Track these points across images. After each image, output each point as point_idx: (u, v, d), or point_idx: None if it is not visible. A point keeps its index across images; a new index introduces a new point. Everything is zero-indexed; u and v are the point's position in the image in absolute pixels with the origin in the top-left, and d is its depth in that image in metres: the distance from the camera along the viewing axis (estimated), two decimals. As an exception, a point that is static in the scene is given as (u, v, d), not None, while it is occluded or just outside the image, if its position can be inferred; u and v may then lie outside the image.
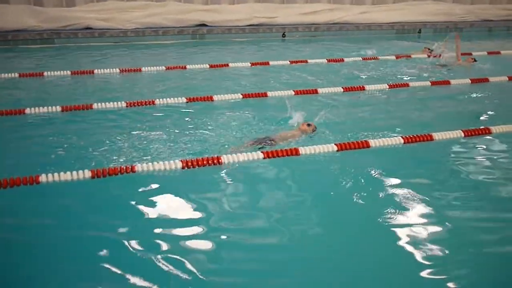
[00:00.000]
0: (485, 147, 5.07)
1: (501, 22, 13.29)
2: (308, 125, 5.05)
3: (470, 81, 7.41)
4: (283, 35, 11.34)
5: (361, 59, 8.96)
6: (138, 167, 4.13)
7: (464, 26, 12.90)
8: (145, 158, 4.43)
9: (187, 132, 5.18)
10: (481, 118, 5.99)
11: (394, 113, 6.18)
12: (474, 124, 5.52)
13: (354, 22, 12.06)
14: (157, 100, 6.05)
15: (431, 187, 4.20)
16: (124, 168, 4.09)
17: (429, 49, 9.39)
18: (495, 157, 4.83)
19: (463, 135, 5.13)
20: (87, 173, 4.01)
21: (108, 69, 7.67)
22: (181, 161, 4.25)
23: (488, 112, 6.20)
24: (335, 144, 4.69)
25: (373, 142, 4.79)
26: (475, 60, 8.73)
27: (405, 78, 7.65)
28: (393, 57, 9.12)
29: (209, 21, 11.04)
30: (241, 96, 6.34)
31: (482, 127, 5.35)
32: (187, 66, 7.98)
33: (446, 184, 4.29)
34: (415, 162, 4.76)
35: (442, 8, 13.19)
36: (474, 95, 6.97)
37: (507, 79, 7.65)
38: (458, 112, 6.34)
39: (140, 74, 7.72)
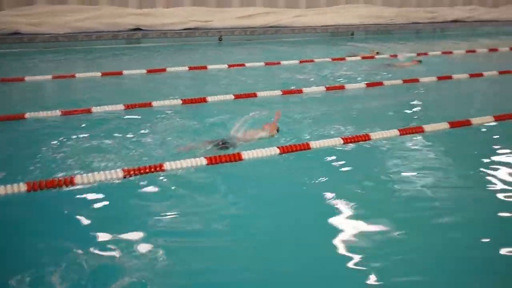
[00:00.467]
0: (418, 145, 5.29)
1: (428, 24, 13.93)
2: (273, 124, 5.15)
3: (402, 82, 7.73)
4: (220, 39, 11.35)
5: (299, 61, 9.12)
6: (78, 178, 4.00)
7: (394, 28, 13.43)
8: (84, 168, 4.29)
9: (127, 140, 5.07)
10: (415, 117, 6.23)
11: (333, 115, 6.31)
12: (408, 123, 5.76)
13: (289, 25, 12.27)
14: (94, 108, 5.88)
15: (368, 186, 4.33)
16: (63, 180, 3.95)
17: (377, 52, 9.99)
18: (427, 155, 5.06)
19: (398, 133, 5.33)
20: (22, 186, 3.84)
21: (40, 76, 7.39)
22: (123, 170, 4.16)
23: (420, 111, 6.47)
24: (277, 147, 4.74)
25: (313, 144, 4.88)
26: (420, 62, 9.22)
27: (342, 80, 7.86)
28: (329, 59, 9.35)
29: (144, 25, 10.88)
30: (180, 102, 6.28)
31: (415, 125, 5.57)
32: (124, 72, 7.82)
33: (380, 184, 4.44)
34: (355, 162, 4.89)
35: (372, 11, 13.66)
36: (407, 94, 7.27)
37: (436, 79, 8.03)
38: (394, 112, 6.57)
39: (74, 80, 7.49)
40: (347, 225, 3.66)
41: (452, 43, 12.24)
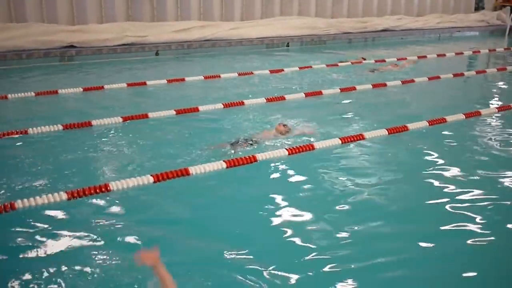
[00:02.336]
0: (358, 152, 5.47)
1: (359, 34, 14.40)
2: (284, 125, 5.67)
3: (340, 90, 7.97)
4: (157, 54, 11.23)
5: (237, 74, 9.17)
6: (19, 203, 3.83)
7: (327, 38, 13.78)
8: (25, 193, 4.12)
9: (66, 162, 4.93)
10: (355, 124, 6.41)
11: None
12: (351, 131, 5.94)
13: (226, 38, 12.30)
14: (30, 129, 5.65)
15: (314, 195, 4.43)
16: (2, 206, 3.77)
17: (363, 58, 10.83)
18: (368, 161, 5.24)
19: (340, 142, 5.48)
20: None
21: (-31, 98, 7.03)
22: (66, 192, 4.02)
23: (358, 118, 6.67)
24: (223, 161, 4.75)
25: (259, 156, 4.92)
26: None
27: (284, 90, 7.97)
28: (267, 71, 9.47)
29: (77, 42, 10.56)
30: (121, 119, 6.15)
31: (356, 133, 5.75)
32: (59, 91, 7.57)
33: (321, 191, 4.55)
34: (298, 172, 4.96)
35: (306, 22, 13.94)
36: (344, 102, 7.49)
37: (371, 87, 8.32)
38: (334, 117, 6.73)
39: (5, 102, 7.16)
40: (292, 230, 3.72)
41: (384, 51, 12.75)
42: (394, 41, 14.76)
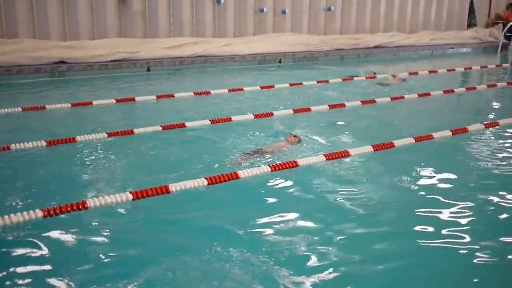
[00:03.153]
0: (345, 168, 5.43)
1: (351, 50, 14.47)
2: (295, 136, 6.01)
3: (328, 107, 7.97)
4: (148, 70, 11.24)
5: (227, 90, 9.17)
6: (-4, 221, 3.78)
7: (320, 55, 13.84)
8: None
9: (47, 178, 4.89)
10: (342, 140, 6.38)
11: (261, 143, 6.35)
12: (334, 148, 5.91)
13: (218, 54, 12.34)
14: (13, 145, 5.61)
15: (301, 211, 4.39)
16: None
17: (374, 72, 11.13)
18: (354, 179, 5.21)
19: (324, 159, 5.45)
20: None
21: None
22: (42, 210, 3.97)
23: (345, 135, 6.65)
24: (205, 178, 4.71)
25: (241, 173, 4.88)
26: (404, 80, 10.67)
27: (274, 106, 7.96)
28: (258, 88, 9.47)
29: (68, 58, 10.58)
30: (106, 135, 6.12)
31: (341, 150, 5.72)
32: (47, 106, 7.55)
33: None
34: (281, 189, 4.92)
35: (299, 38, 14.01)
36: (333, 120, 7.48)
37: (360, 103, 8.33)
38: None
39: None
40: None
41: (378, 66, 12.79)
42: (387, 58, 14.84)
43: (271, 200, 4.67)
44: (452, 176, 5.29)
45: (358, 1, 15.42)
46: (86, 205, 4.09)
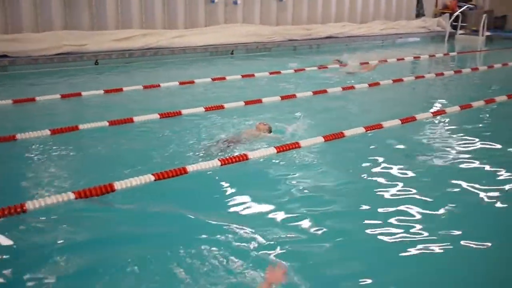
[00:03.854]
0: (296, 159, 5.40)
1: (304, 41, 14.49)
2: (264, 124, 5.94)
3: (280, 98, 7.93)
4: (96, 63, 10.90)
5: (178, 83, 8.99)
6: None
7: (272, 45, 13.79)
8: None
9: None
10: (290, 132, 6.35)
11: (207, 137, 6.23)
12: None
13: (169, 46, 12.10)
14: None
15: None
16: None
17: (338, 60, 11.12)
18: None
19: (275, 151, 5.39)
20: None
21: None
22: None
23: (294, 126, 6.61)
24: (152, 174, 4.57)
25: (190, 168, 4.77)
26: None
27: (223, 98, 7.84)
28: (209, 79, 9.34)
29: (11, 52, 10.13)
30: (49, 132, 5.87)
31: (292, 142, 5.68)
32: (-14, 103, 7.20)
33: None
34: (231, 182, 4.84)
35: (251, 29, 13.90)
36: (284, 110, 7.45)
37: (312, 93, 8.33)
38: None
39: None
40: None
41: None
42: (339, 48, 14.93)
43: (224, 192, 4.59)
44: (401, 164, 5.34)
45: (310, -8, 15.45)
46: (24, 208, 3.89)
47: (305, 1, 15.41)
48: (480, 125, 7.08)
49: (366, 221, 4.09)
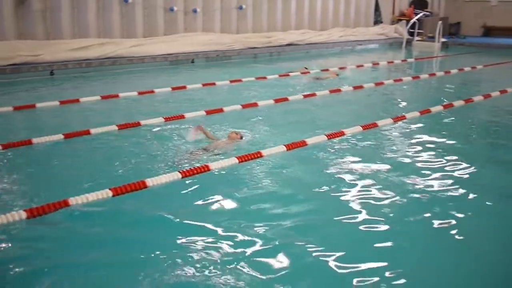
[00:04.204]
0: (257, 169, 5.31)
1: (264, 48, 14.49)
2: (236, 133, 6.05)
3: (241, 107, 7.85)
4: (51, 73, 10.58)
5: (137, 93, 8.80)
6: None
7: (233, 54, 13.73)
8: None
9: None
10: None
11: (166, 150, 6.08)
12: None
13: (127, 55, 11.86)
14: None
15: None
16: None
17: (306, 68, 11.54)
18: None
19: (237, 161, 5.29)
20: None
21: None
22: None
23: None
24: (109, 189, 4.40)
25: (150, 181, 4.62)
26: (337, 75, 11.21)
27: (183, 109, 7.69)
28: (169, 89, 9.18)
29: (-41, 63, 9.73)
30: (0, 147, 5.60)
31: (254, 152, 5.59)
32: None
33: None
34: (193, 196, 4.72)
35: (212, 38, 13.81)
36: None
37: (273, 101, 8.29)
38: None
39: None
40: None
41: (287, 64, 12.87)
42: (300, 55, 15.03)
43: (186, 204, 4.45)
44: (364, 171, 5.33)
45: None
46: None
47: (264, 9, 15.44)
48: (440, 129, 7.17)
49: (330, 228, 4.05)
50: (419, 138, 6.60)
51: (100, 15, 12.17)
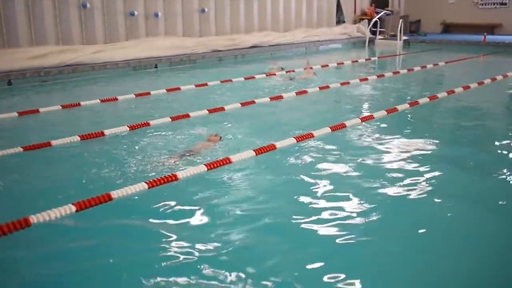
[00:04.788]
0: (226, 176, 5.19)
1: (229, 51, 14.37)
2: (215, 135, 6.23)
3: (207, 111, 7.70)
4: (9, 83, 10.20)
5: (99, 101, 8.54)
6: None
7: (197, 57, 13.57)
8: None
9: None
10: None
11: (135, 158, 5.90)
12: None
13: (88, 62, 11.57)
14: None
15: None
16: None
17: (282, 68, 11.76)
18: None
19: (206, 169, 5.15)
20: None
21: None
22: None
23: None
24: (72, 204, 4.19)
25: (115, 193, 4.43)
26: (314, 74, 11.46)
27: (149, 115, 7.50)
28: (132, 95, 8.96)
29: None
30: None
31: (223, 158, 5.46)
32: None
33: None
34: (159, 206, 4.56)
35: (174, 42, 13.62)
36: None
37: (240, 105, 8.17)
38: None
39: None
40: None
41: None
42: (264, 57, 14.96)
43: (154, 215, 4.28)
44: (334, 171, 5.27)
45: (231, 2, 15.37)
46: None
47: (227, 11, 15.33)
48: (407, 128, 7.19)
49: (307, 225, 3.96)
50: (387, 136, 6.58)
51: (57, 21, 11.82)
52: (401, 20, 17.10)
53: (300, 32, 17.02)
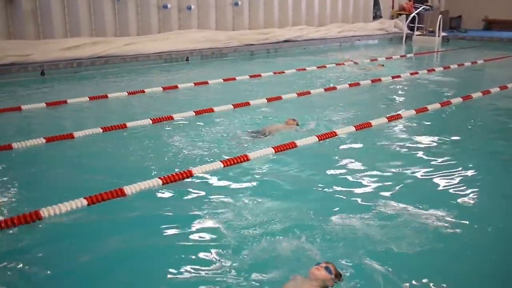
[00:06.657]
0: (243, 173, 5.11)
1: (261, 45, 14.26)
2: (293, 120, 6.46)
3: (232, 106, 7.65)
4: (42, 73, 10.39)
5: (127, 93, 8.60)
6: None
7: (228, 51, 13.51)
8: None
9: None
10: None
11: (159, 153, 5.89)
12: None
13: (120, 54, 11.65)
14: None
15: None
16: None
17: (351, 60, 12.37)
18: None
19: (222, 165, 5.10)
20: None
21: None
22: None
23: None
24: (84, 198, 4.20)
25: (128, 189, 4.42)
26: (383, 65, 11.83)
27: (172, 110, 7.50)
28: (160, 89, 8.98)
29: None
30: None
31: (240, 155, 5.39)
32: None
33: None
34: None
35: (206, 35, 13.58)
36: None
37: (266, 100, 8.09)
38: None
39: None
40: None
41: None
42: (297, 52, 14.78)
43: (167, 212, 4.25)
44: (362, 171, 5.15)
45: (266, -5, 15.24)
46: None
47: (261, 5, 15.20)
48: (436, 128, 6.95)
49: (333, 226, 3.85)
50: (414, 137, 6.37)
51: (92, 13, 11.96)
52: (440, 15, 16.59)
53: (335, 27, 16.72)
